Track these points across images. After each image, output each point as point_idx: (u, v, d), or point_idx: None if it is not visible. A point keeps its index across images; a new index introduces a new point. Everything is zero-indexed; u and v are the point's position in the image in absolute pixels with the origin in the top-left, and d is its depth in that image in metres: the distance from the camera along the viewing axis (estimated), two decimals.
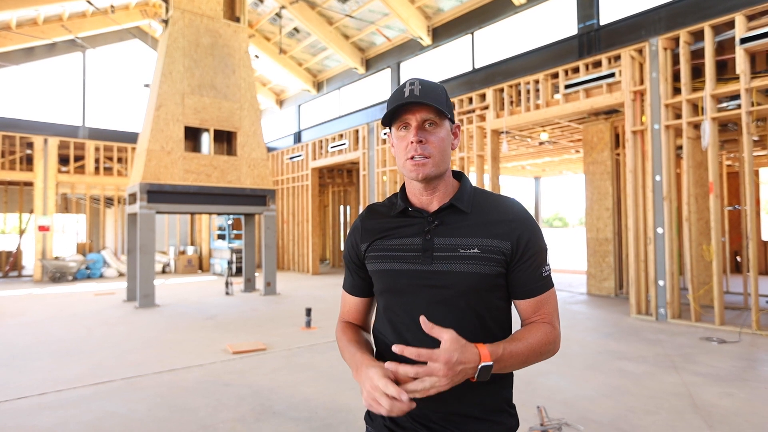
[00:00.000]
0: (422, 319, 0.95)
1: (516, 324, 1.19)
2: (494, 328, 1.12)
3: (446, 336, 0.92)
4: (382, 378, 0.95)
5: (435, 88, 1.09)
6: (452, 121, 1.14)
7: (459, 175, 1.21)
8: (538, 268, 1.11)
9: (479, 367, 0.93)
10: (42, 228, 12.59)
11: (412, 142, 1.07)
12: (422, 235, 1.12)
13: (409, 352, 0.92)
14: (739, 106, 5.93)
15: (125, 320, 7.06)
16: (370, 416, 1.23)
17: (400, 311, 1.13)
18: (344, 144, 12.44)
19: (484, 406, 1.10)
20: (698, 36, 6.28)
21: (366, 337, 1.25)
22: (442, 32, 10.90)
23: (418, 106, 1.07)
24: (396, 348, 0.93)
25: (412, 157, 1.08)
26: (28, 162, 13.19)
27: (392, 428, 1.14)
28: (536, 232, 1.12)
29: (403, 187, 1.21)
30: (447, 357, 0.90)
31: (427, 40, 11.05)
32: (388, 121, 1.12)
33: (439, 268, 1.08)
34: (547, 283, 1.13)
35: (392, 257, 1.14)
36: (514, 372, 1.14)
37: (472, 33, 10.27)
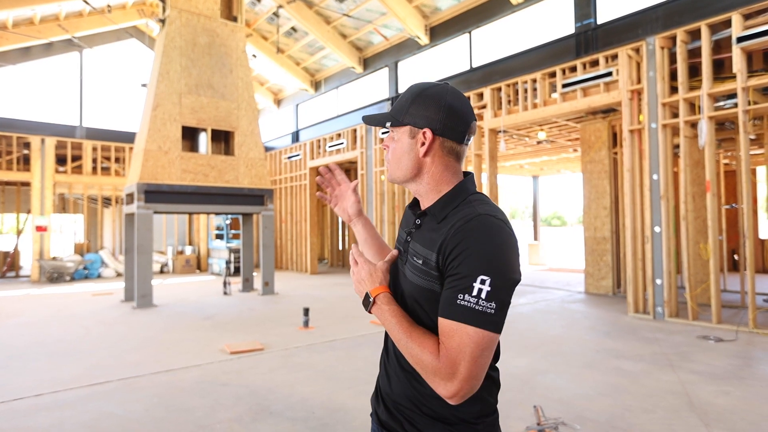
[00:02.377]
0: (354, 246, 1.17)
1: None
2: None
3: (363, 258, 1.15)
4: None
5: (400, 98, 1.13)
6: (419, 126, 1.08)
7: (463, 178, 1.15)
8: (456, 290, 0.92)
9: (366, 291, 1.10)
10: (39, 228, 12.56)
11: None
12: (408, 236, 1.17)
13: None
14: (735, 105, 5.94)
15: (123, 320, 7.05)
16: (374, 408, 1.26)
17: None
18: (342, 143, 12.43)
19: (450, 410, 1.03)
20: (695, 35, 6.29)
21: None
22: (439, 31, 10.90)
23: (373, 123, 1.19)
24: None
25: None
26: (26, 162, 13.16)
27: (375, 418, 1.20)
28: (473, 250, 0.93)
29: None
30: (363, 263, 1.13)
31: (424, 40, 11.05)
32: None
33: (404, 271, 1.12)
34: (461, 313, 0.90)
35: (398, 249, 1.22)
36: (499, 379, 1.11)
37: (470, 32, 10.27)
